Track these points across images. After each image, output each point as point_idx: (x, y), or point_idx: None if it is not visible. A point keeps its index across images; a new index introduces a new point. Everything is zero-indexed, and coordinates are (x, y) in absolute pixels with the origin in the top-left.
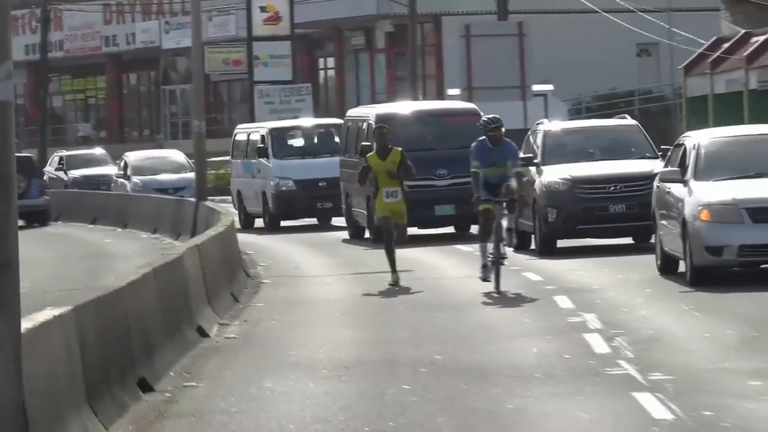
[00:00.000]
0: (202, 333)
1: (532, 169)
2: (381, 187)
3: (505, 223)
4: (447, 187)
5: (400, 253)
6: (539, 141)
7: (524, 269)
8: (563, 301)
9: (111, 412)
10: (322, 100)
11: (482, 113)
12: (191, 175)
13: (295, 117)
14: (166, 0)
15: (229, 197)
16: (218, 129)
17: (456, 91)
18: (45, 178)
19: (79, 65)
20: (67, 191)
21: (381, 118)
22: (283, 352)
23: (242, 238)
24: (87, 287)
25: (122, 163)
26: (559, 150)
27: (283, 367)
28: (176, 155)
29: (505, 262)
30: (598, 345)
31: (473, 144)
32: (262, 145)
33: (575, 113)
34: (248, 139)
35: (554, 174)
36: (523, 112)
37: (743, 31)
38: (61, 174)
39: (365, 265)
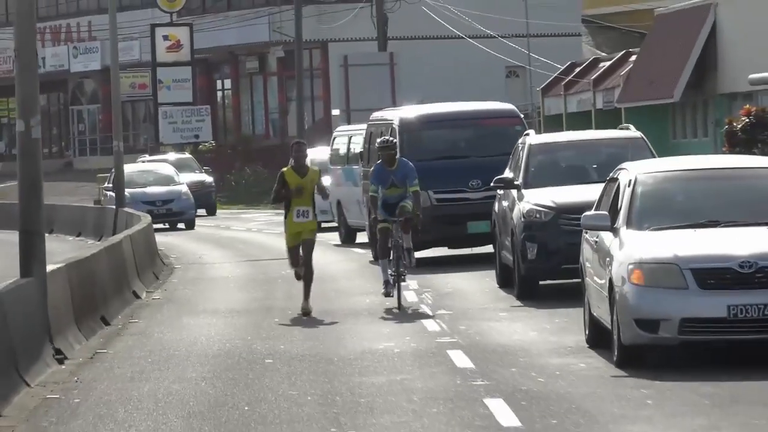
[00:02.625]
0: (136, 296)
1: (513, 192)
2: (293, 207)
3: (404, 243)
4: (481, 200)
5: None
6: (522, 156)
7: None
8: None
9: (87, 332)
10: (220, 119)
11: (521, 115)
12: (180, 187)
13: (196, 136)
14: (74, 27)
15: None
16: (123, 146)
17: (336, 112)
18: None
19: None
20: None
21: (406, 123)
22: (194, 305)
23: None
24: None
25: (111, 176)
26: (545, 169)
27: (195, 312)
28: (165, 168)
29: (406, 280)
30: (411, 297)
31: (372, 167)
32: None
33: None
34: (349, 143)
35: (534, 200)
36: None
37: (592, 57)
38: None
39: (254, 255)
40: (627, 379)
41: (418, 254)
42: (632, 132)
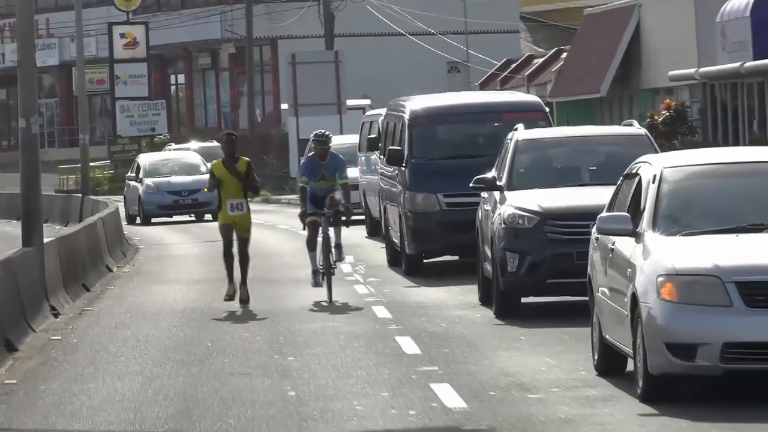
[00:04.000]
0: (109, 269)
1: (496, 194)
2: (225, 199)
3: (333, 239)
4: None
5: None
6: (507, 154)
7: None
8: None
9: (73, 295)
10: (173, 111)
11: (547, 109)
12: (206, 177)
13: (152, 129)
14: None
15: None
16: (78, 139)
17: (285, 106)
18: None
19: None
20: None
21: (416, 115)
22: (160, 276)
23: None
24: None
25: (135, 165)
26: (534, 169)
27: (162, 281)
28: (191, 156)
29: (336, 273)
30: (347, 269)
31: (303, 159)
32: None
33: None
34: (369, 128)
35: (517, 204)
36: (339, 124)
37: (527, 54)
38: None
39: (210, 237)
40: (510, 325)
41: (426, 261)
42: (635, 129)
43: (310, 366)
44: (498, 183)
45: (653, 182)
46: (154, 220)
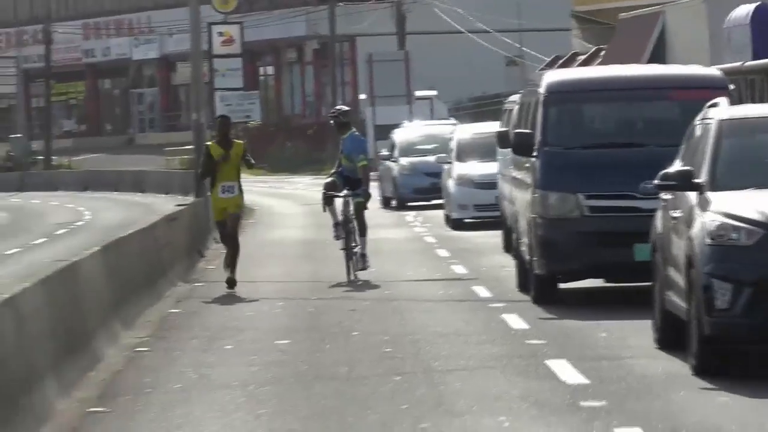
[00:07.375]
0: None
1: (691, 195)
2: (217, 183)
3: (358, 249)
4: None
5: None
6: (705, 140)
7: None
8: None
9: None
10: (263, 100)
11: (731, 86)
12: None
13: (247, 116)
14: (135, 22)
15: None
16: (176, 124)
17: (363, 96)
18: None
19: (62, 73)
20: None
21: (554, 92)
22: (276, 225)
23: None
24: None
25: (390, 143)
26: (746, 160)
27: (279, 227)
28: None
29: (366, 267)
30: (409, 218)
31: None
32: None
33: (454, 112)
34: (507, 118)
35: (729, 210)
36: (408, 112)
37: (575, 50)
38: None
39: (305, 201)
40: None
41: (563, 286)
42: None
43: (382, 261)
44: (695, 180)
45: None
46: (409, 204)
